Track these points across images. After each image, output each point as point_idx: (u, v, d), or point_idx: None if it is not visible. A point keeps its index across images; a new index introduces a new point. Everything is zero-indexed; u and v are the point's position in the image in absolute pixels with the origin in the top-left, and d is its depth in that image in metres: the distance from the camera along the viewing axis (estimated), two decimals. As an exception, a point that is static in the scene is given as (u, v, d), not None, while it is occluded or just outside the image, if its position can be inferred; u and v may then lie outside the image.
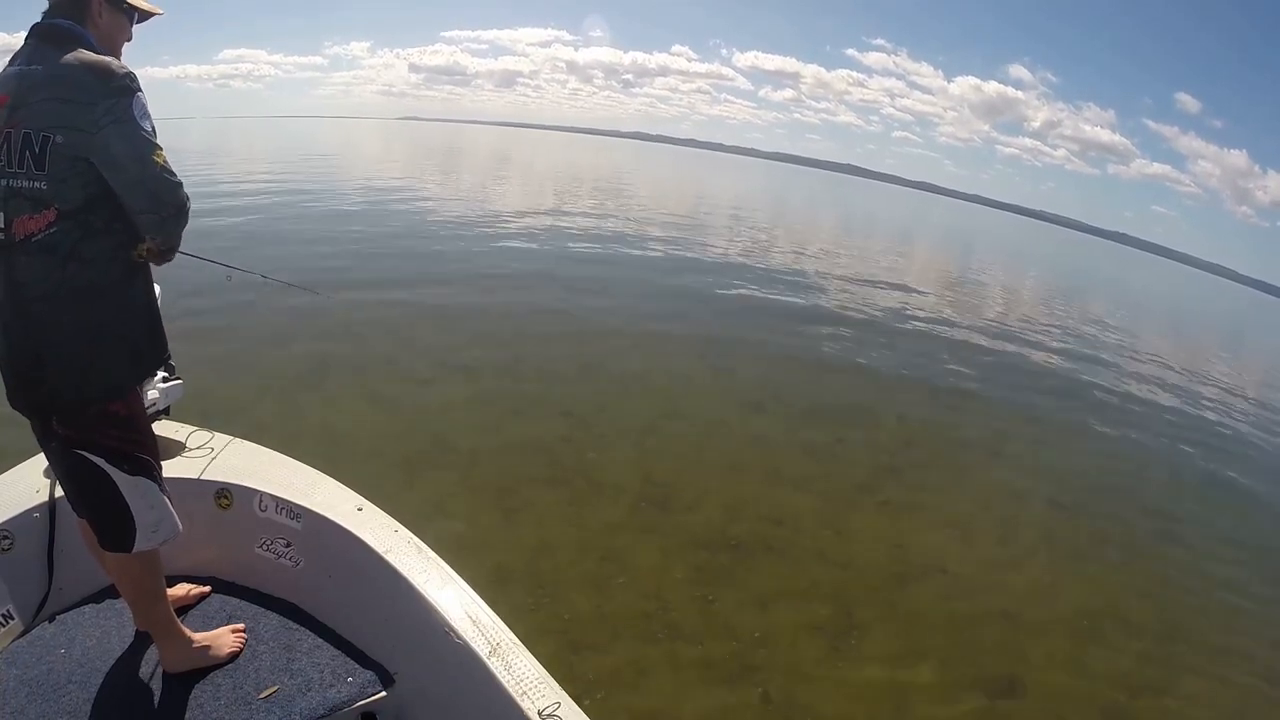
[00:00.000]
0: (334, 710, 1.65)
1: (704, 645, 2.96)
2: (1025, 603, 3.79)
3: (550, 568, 3.31)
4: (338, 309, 6.68)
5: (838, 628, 3.25)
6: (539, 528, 3.63)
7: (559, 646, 2.77)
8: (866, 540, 4.07)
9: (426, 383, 5.46)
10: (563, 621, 2.96)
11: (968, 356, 9.03)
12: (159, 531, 1.54)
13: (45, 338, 1.34)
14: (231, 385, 4.83)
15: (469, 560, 2.97)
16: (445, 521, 3.45)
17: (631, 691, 2.66)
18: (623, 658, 2.82)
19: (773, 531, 3.92)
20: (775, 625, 3.17)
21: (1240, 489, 6.48)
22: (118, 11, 1.44)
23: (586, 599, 3.13)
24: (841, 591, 3.52)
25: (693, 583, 3.36)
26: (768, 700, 2.74)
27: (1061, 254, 55.08)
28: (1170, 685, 3.37)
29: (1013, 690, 3.10)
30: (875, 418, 6.09)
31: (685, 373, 6.51)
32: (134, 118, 1.31)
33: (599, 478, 4.22)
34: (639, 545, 3.59)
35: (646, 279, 10.74)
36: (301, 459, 2.16)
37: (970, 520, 4.59)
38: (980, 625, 3.52)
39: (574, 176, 37.40)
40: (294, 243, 10.50)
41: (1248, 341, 23.90)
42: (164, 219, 1.38)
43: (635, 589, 3.25)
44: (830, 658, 3.06)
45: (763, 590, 3.39)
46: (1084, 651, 3.48)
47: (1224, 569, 4.68)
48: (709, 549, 3.65)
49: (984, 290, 17.32)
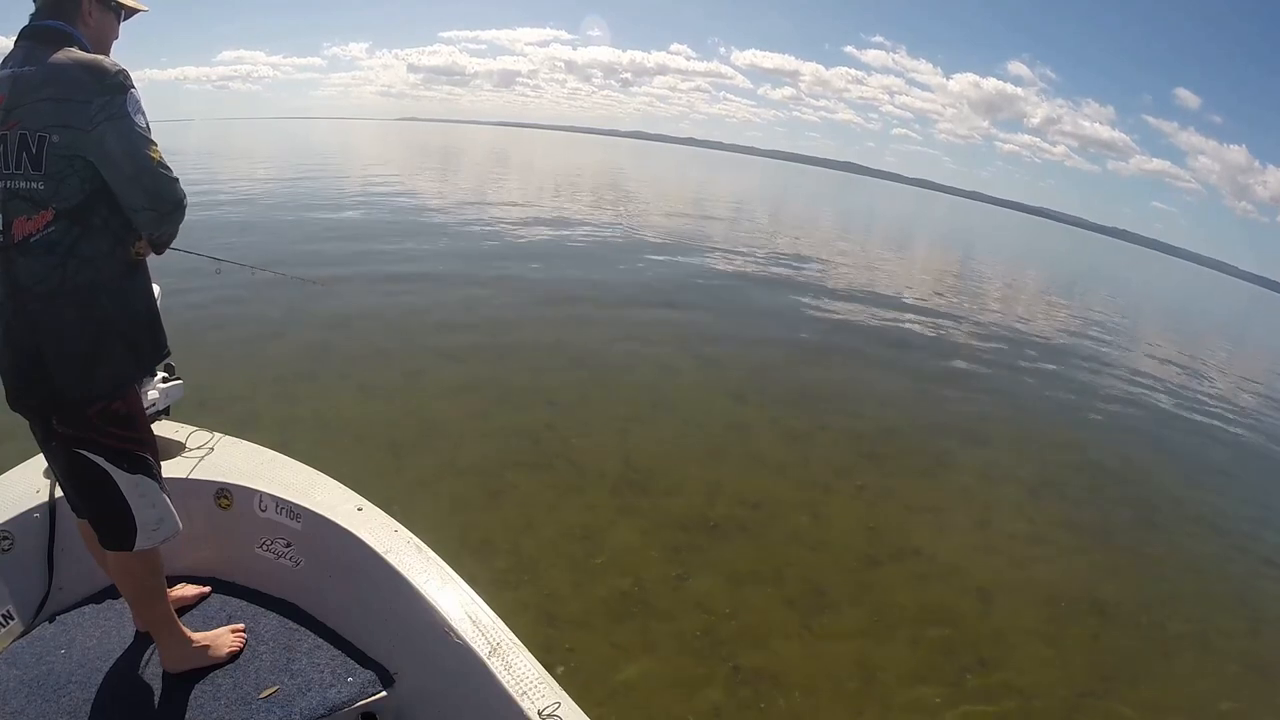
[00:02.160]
0: (334, 710, 1.66)
1: (677, 620, 3.06)
2: (999, 585, 3.80)
3: (531, 546, 3.42)
4: (331, 301, 6.82)
5: (809, 606, 3.33)
6: (521, 508, 3.75)
7: (537, 619, 2.89)
8: (841, 523, 4.15)
9: (417, 373, 5.59)
10: (541, 596, 3.07)
11: (955, 348, 9.14)
12: (159, 530, 1.55)
13: (46, 337, 1.34)
14: (226, 374, 4.95)
15: (451, 537, 3.08)
16: (430, 501, 3.58)
17: (604, 662, 2.77)
18: (597, 630, 2.93)
19: (749, 514, 4.03)
20: (747, 602, 3.26)
21: (1225, 476, 6.55)
22: (106, 10, 1.46)
23: (565, 576, 3.24)
24: (814, 571, 3.60)
25: (668, 562, 3.46)
26: (737, 672, 2.83)
27: (1060, 250, 54.96)
28: (1145, 669, 3.39)
29: (983, 668, 3.12)
30: (857, 406, 6.18)
31: (670, 364, 6.61)
32: (128, 114, 1.32)
33: (581, 462, 4.32)
34: (618, 526, 3.70)
35: (637, 272, 10.86)
36: (294, 443, 2.21)
37: (947, 505, 4.65)
38: (953, 606, 3.56)
39: (572, 175, 37.51)
40: (290, 238, 10.67)
41: (1242, 335, 23.90)
42: (161, 215, 1.39)
43: (613, 567, 3.36)
44: (800, 633, 3.14)
45: (737, 569, 3.48)
46: (1058, 633, 3.49)
47: (1204, 555, 4.71)
48: (686, 530, 3.75)
49: (978, 285, 17.38)
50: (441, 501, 3.64)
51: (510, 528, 3.55)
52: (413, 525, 1.92)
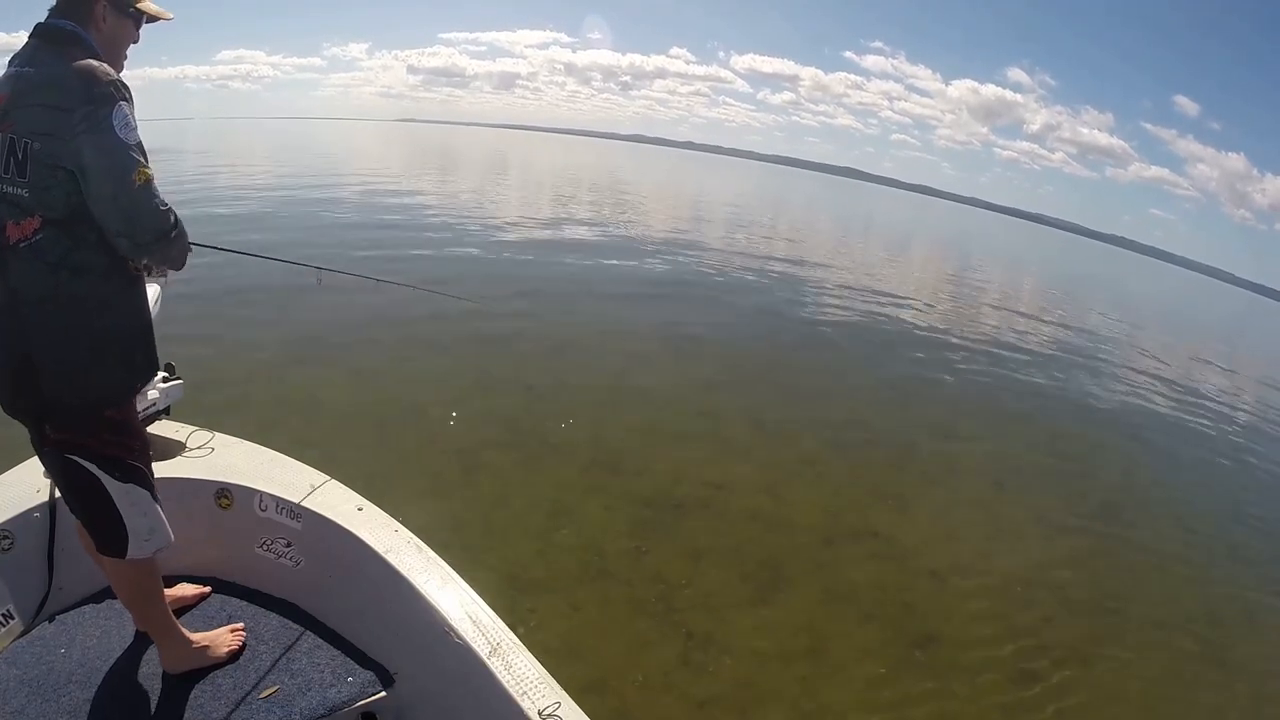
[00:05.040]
0: (334, 710, 1.65)
1: (634, 587, 3.24)
2: (955, 569, 3.87)
3: (501, 518, 3.61)
4: (326, 292, 6.98)
5: (764, 580, 3.48)
6: (494, 484, 3.94)
7: (501, 583, 3.06)
8: (802, 506, 4.30)
9: (405, 360, 5.80)
10: (508, 564, 3.25)
11: (935, 348, 9.26)
12: (151, 540, 1.52)
13: (37, 343, 1.31)
14: (224, 360, 5.16)
15: (427, 508, 3.24)
16: (407, 476, 3.75)
17: (563, 620, 2.95)
18: (559, 595, 3.11)
19: (712, 494, 4.20)
20: (704, 575, 3.42)
21: (1198, 473, 6.63)
22: (123, 16, 1.41)
23: (531, 545, 3.42)
24: (772, 549, 3.74)
25: (631, 535, 3.64)
26: (689, 637, 2.99)
27: (1056, 256, 54.93)
28: (1097, 653, 3.41)
29: (931, 643, 3.21)
30: (829, 399, 6.37)
31: (648, 355, 6.82)
32: (112, 128, 1.24)
33: (554, 442, 4.52)
34: (585, 502, 3.89)
35: (628, 269, 11.09)
36: (284, 422, 2.30)
37: (910, 493, 4.75)
38: (907, 586, 3.65)
39: (570, 176, 37.69)
40: (291, 231, 10.90)
41: (1230, 339, 23.92)
42: (139, 245, 1.30)
43: (577, 539, 3.54)
44: (754, 604, 3.29)
45: (696, 545, 3.66)
46: (1011, 616, 3.54)
47: (1170, 547, 4.76)
48: (650, 507, 3.93)
49: (966, 288, 17.49)
50: (419, 478, 3.81)
51: (482, 501, 3.74)
52: (388, 498, 2.01)
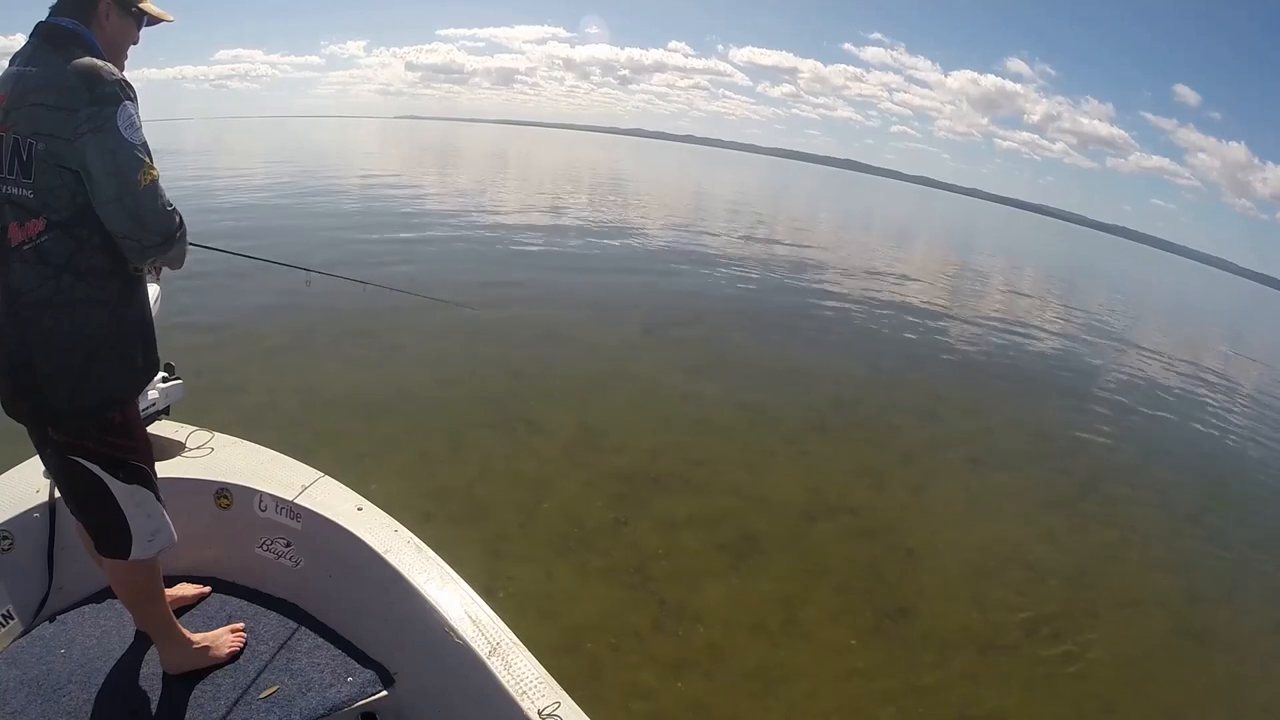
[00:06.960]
0: (334, 710, 1.65)
1: (611, 557, 3.37)
2: (930, 544, 3.93)
3: (485, 493, 3.74)
4: (321, 286, 7.11)
5: (739, 551, 3.58)
6: (479, 461, 4.06)
7: (483, 553, 3.19)
8: (781, 482, 4.39)
9: (397, 348, 5.92)
10: (489, 535, 3.38)
11: (921, 334, 9.34)
12: (155, 541, 1.51)
13: (37, 348, 1.30)
14: (222, 350, 5.33)
15: (414, 483, 3.34)
16: (396, 454, 3.89)
17: (540, 585, 3.08)
18: (537, 563, 3.24)
19: (692, 471, 4.31)
20: (680, 546, 3.53)
21: (1179, 456, 6.65)
22: (126, 15, 1.39)
23: (512, 517, 3.55)
24: (749, 523, 3.84)
25: (610, 508, 3.77)
26: (663, 604, 3.10)
27: (1057, 246, 54.56)
28: (1070, 625, 3.44)
29: (903, 615, 3.28)
30: (813, 382, 6.46)
31: (634, 340, 6.95)
32: (116, 129, 1.23)
33: (539, 422, 4.64)
34: (566, 477, 4.01)
35: (619, 259, 11.23)
36: (278, 406, 2.36)
37: (888, 471, 4.83)
38: (881, 559, 3.73)
39: (566, 171, 37.70)
40: (286, 229, 11.03)
41: (1225, 325, 23.81)
42: (145, 247, 1.30)
43: (557, 512, 3.67)
44: (728, 575, 3.39)
45: (674, 517, 3.77)
46: (984, 590, 3.59)
47: (1149, 526, 4.78)
48: (630, 482, 4.05)
49: (961, 277, 17.57)
50: (407, 455, 3.94)
51: (467, 477, 3.86)
52: (377, 474, 2.08)
